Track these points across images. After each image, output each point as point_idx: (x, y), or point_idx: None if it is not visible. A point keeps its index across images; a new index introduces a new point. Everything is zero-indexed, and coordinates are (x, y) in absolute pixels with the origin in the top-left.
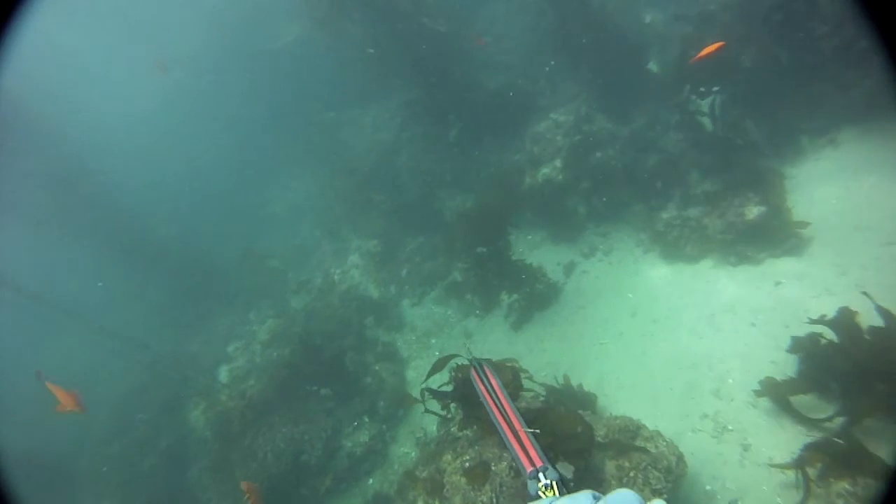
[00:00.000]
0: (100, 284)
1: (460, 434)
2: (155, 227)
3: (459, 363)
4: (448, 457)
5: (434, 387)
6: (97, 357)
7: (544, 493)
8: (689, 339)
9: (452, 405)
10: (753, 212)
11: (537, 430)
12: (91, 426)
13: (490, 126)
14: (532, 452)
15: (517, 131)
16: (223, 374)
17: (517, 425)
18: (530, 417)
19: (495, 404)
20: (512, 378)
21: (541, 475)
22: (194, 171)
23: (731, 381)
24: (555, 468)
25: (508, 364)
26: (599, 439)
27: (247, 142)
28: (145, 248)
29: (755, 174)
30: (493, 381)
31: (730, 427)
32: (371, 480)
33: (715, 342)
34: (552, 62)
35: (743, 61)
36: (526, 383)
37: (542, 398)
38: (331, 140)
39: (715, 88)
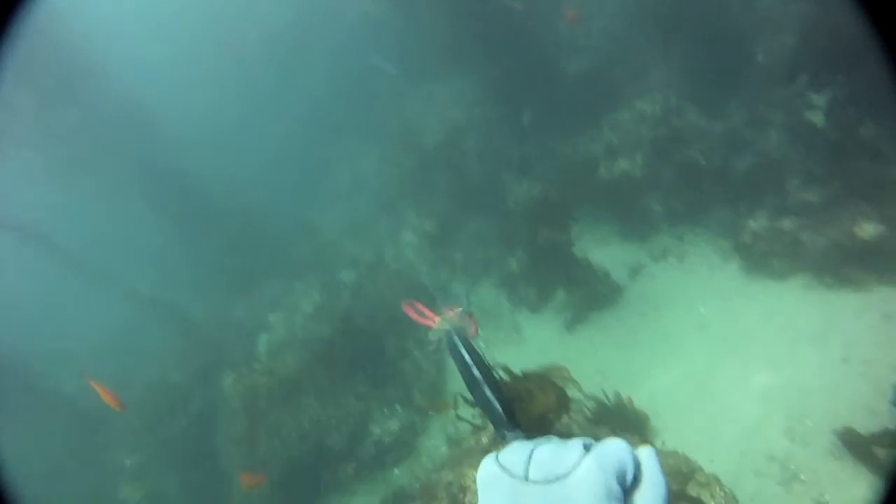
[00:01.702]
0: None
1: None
2: (214, 188)
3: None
4: (472, 472)
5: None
6: (139, 317)
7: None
8: (764, 365)
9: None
10: (868, 230)
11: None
12: (130, 385)
13: (567, 111)
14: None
15: (596, 118)
16: (262, 343)
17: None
18: None
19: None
20: (556, 401)
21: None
22: (262, 136)
23: (809, 422)
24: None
25: (556, 372)
26: None
27: (315, 110)
28: (203, 208)
29: (874, 186)
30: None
31: (802, 477)
32: (397, 471)
33: (795, 373)
34: (642, 46)
35: (870, 50)
36: (573, 394)
37: (589, 413)
38: (399, 114)
39: (835, 79)
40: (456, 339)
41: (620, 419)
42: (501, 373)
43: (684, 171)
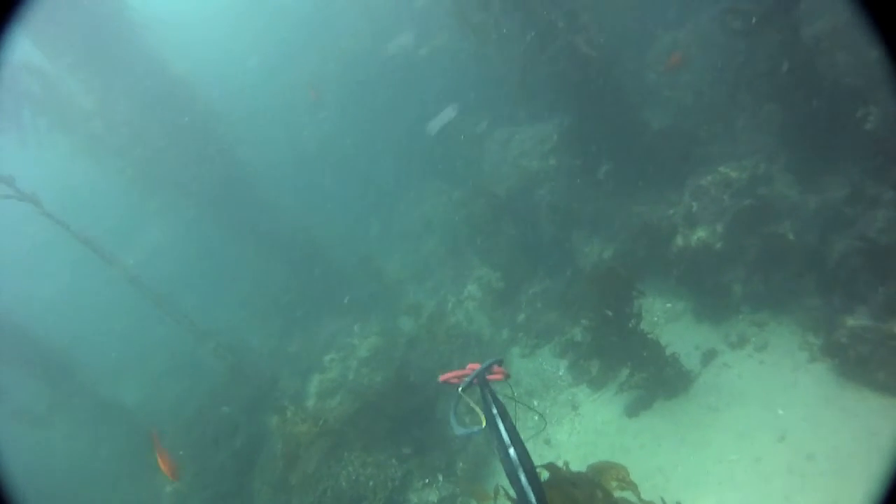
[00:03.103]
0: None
1: None
2: (286, 215)
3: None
4: None
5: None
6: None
7: None
8: (859, 500)
9: None
10: None
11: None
12: (182, 409)
13: (646, 170)
14: None
15: (676, 180)
16: (313, 383)
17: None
18: None
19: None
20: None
21: None
22: (339, 167)
23: None
24: None
25: (614, 472)
26: None
27: (392, 146)
28: (271, 233)
29: None
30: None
31: None
32: None
33: None
34: (731, 104)
35: None
36: (629, 497)
37: None
38: (474, 157)
39: None
40: (487, 393)
41: None
42: (545, 472)
43: (771, 249)
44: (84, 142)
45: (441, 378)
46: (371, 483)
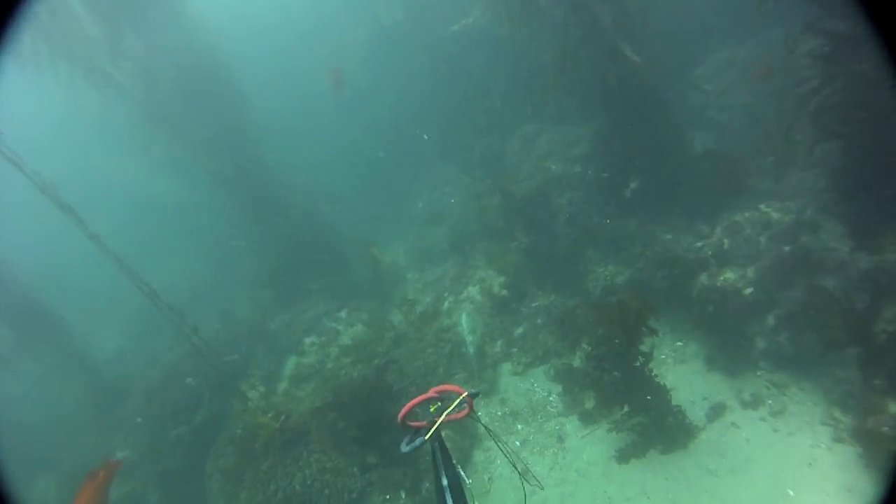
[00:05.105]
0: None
1: None
2: (292, 186)
3: None
4: None
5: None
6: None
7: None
8: None
9: None
10: None
11: None
12: (152, 370)
13: (679, 194)
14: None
15: (710, 212)
16: (289, 365)
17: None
18: None
19: None
20: None
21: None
22: (353, 153)
23: None
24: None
25: None
26: None
27: (408, 132)
28: (275, 203)
29: None
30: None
31: None
32: None
33: None
34: (785, 137)
35: None
36: None
37: None
38: (496, 151)
39: None
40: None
41: None
42: None
43: (807, 305)
44: (87, 73)
45: (400, 415)
46: (326, 491)
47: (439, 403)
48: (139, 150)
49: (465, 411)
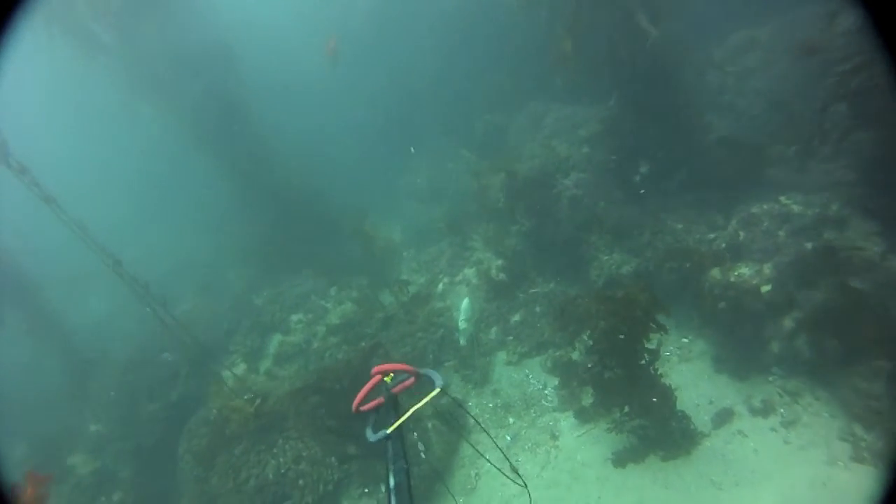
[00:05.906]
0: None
1: None
2: (289, 155)
3: None
4: None
5: None
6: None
7: None
8: None
9: None
10: None
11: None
12: (127, 347)
13: (693, 181)
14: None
15: (726, 201)
16: (273, 343)
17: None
18: None
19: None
20: None
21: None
22: (352, 126)
23: None
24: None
25: None
26: None
27: (409, 104)
28: (271, 174)
29: None
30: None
31: None
32: None
33: None
34: (809, 124)
35: None
36: None
37: None
38: (500, 127)
39: None
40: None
41: None
42: None
43: (828, 307)
44: (67, 32)
45: (354, 406)
46: (301, 481)
47: (392, 375)
48: (126, 116)
49: (412, 381)
